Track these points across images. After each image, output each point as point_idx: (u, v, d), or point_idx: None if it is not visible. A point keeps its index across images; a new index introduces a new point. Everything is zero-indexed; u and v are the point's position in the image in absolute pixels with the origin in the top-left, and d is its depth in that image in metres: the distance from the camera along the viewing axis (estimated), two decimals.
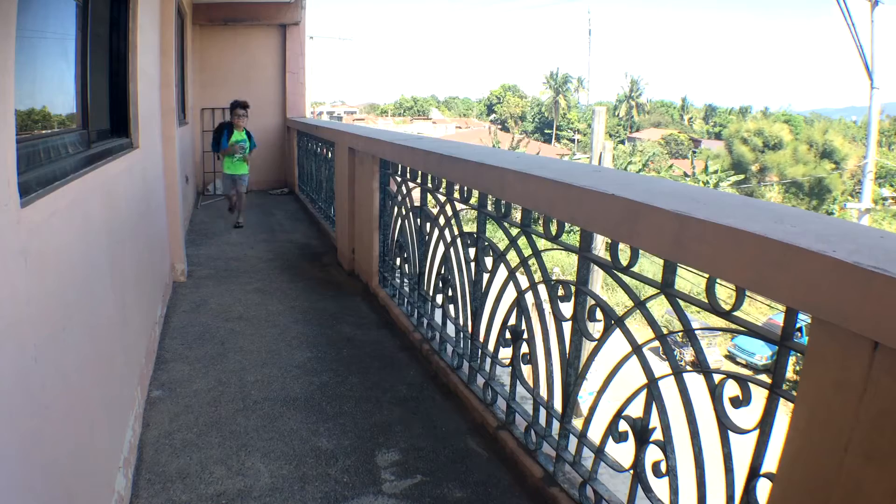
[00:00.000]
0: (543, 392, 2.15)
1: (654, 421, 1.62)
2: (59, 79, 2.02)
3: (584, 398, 8.47)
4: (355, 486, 2.10)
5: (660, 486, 1.63)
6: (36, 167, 1.47)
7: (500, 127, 61.29)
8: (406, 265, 3.54)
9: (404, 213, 3.47)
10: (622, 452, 1.80)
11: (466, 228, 2.77)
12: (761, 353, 17.43)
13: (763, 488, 1.24)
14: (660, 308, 14.86)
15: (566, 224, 1.96)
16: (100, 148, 2.28)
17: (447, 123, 58.84)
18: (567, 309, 1.96)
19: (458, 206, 2.79)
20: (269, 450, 2.30)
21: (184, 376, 2.91)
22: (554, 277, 2.04)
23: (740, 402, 1.33)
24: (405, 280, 3.59)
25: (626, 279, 1.75)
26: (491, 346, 2.49)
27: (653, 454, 1.62)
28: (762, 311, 17.38)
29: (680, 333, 1.77)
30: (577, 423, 1.96)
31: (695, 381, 1.50)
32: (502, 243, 2.42)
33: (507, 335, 2.33)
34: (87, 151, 2.08)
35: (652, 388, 1.62)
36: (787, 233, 1.12)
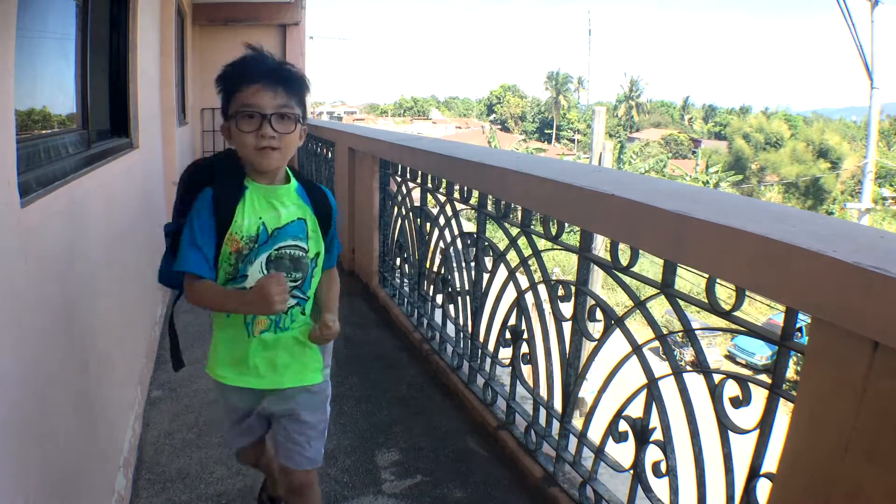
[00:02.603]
0: (543, 392, 2.15)
1: (654, 421, 1.62)
2: (59, 79, 2.02)
3: (587, 397, 8.47)
4: (355, 486, 2.10)
5: (660, 486, 1.63)
6: (36, 167, 1.47)
7: (499, 127, 61.35)
8: (406, 265, 3.54)
9: (404, 213, 3.47)
10: (622, 452, 1.80)
11: (466, 228, 2.77)
12: (761, 353, 17.44)
13: (763, 488, 1.24)
14: (660, 308, 14.85)
15: (566, 224, 1.96)
16: (100, 148, 2.28)
17: (447, 124, 58.91)
18: (567, 309, 1.96)
19: (458, 206, 2.79)
20: None
21: (184, 376, 2.90)
22: (554, 277, 2.04)
23: (740, 402, 1.33)
24: (405, 280, 3.59)
25: (626, 279, 1.74)
26: (491, 347, 2.49)
27: (653, 454, 1.62)
28: (762, 311, 17.38)
29: (680, 333, 1.77)
30: (578, 423, 1.96)
31: (695, 381, 1.50)
32: (502, 243, 2.42)
33: (507, 335, 2.33)
34: (87, 151, 2.08)
35: (652, 388, 1.62)
36: (787, 233, 1.12)
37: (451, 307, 2.86)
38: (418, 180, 3.23)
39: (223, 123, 1.40)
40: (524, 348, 2.23)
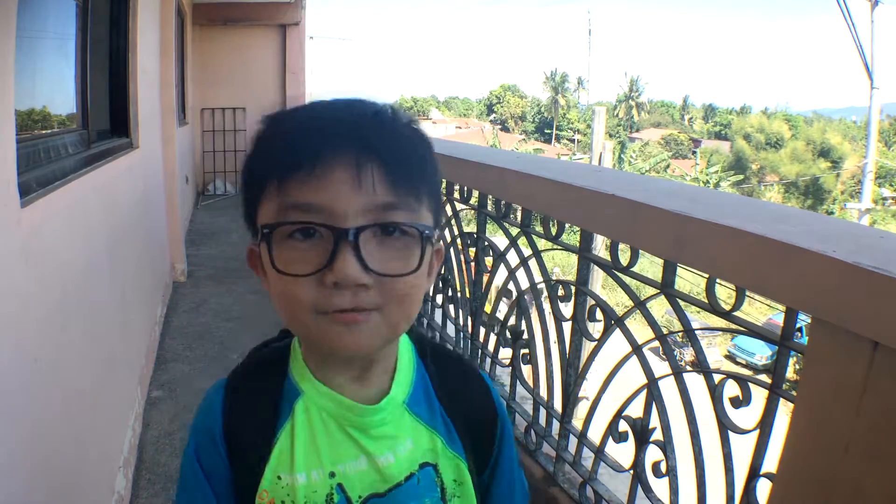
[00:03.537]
0: (543, 392, 2.15)
1: (654, 421, 1.62)
2: (59, 79, 2.02)
3: (589, 398, 8.48)
4: None
5: (660, 486, 1.63)
6: (36, 167, 1.47)
7: (499, 127, 61.38)
8: None
9: None
10: (622, 452, 1.80)
11: (466, 228, 2.77)
12: (761, 353, 17.45)
13: (763, 488, 1.24)
14: (660, 308, 14.86)
15: (566, 224, 1.95)
16: (100, 148, 2.28)
17: (447, 123, 58.98)
18: (567, 309, 1.96)
19: (458, 206, 2.79)
20: None
21: (184, 376, 2.91)
22: (554, 277, 2.04)
23: (740, 402, 1.33)
24: None
25: (626, 279, 1.74)
26: (491, 347, 2.49)
27: (653, 454, 1.62)
28: (762, 311, 17.39)
29: (680, 333, 1.78)
30: (577, 424, 1.96)
31: (695, 381, 1.50)
32: (502, 243, 2.42)
33: (507, 335, 2.33)
34: (87, 151, 2.08)
35: (652, 388, 1.62)
36: (787, 233, 1.12)
37: (451, 307, 2.86)
38: None
39: (249, 246, 0.66)
40: (524, 348, 2.23)
